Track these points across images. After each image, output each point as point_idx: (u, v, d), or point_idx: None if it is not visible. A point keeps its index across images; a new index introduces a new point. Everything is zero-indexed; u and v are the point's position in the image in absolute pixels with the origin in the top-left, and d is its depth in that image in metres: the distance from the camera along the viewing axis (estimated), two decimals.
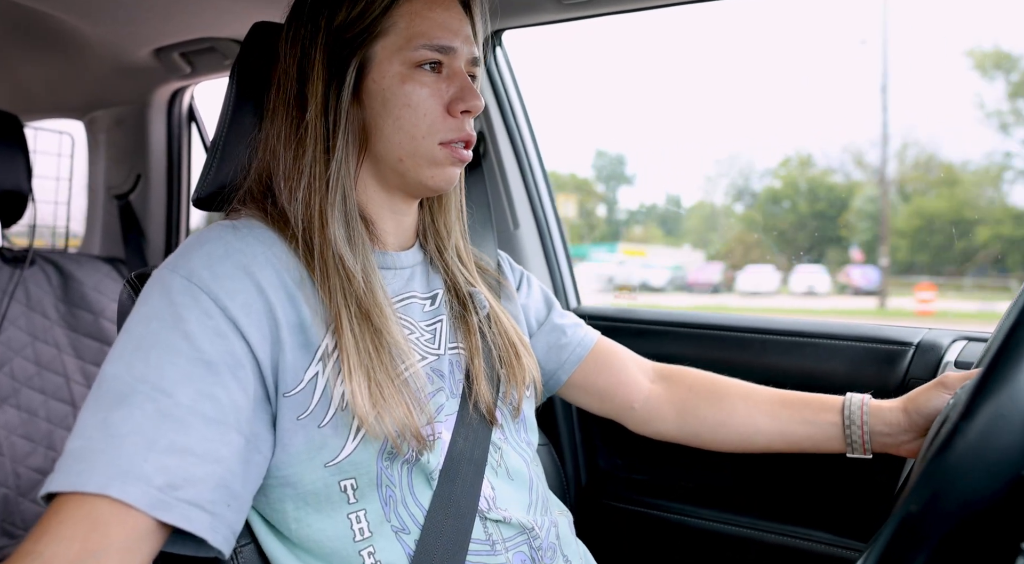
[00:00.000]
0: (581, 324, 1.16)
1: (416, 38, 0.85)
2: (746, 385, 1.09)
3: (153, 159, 2.14)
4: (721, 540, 1.36)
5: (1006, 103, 8.50)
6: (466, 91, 0.87)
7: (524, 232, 1.65)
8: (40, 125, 2.25)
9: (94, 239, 2.25)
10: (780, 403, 1.05)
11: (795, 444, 1.03)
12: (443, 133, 0.86)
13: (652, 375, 1.15)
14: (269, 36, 0.94)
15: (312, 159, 0.84)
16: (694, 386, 1.11)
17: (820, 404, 1.02)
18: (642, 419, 1.12)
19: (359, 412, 0.75)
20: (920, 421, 0.94)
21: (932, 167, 9.76)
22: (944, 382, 0.93)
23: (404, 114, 0.85)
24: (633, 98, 13.61)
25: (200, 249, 0.77)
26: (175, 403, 0.68)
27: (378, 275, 0.84)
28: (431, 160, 0.87)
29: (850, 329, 1.31)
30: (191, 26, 1.66)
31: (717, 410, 1.08)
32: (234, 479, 0.70)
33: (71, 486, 0.64)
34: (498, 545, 0.85)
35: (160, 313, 0.73)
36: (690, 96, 14.53)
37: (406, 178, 0.88)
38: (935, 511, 0.57)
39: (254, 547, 0.82)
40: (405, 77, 0.85)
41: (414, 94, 0.85)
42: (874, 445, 0.97)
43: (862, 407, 0.98)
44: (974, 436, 0.57)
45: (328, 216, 0.82)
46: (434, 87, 0.86)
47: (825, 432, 1.00)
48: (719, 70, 14.29)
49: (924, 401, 0.94)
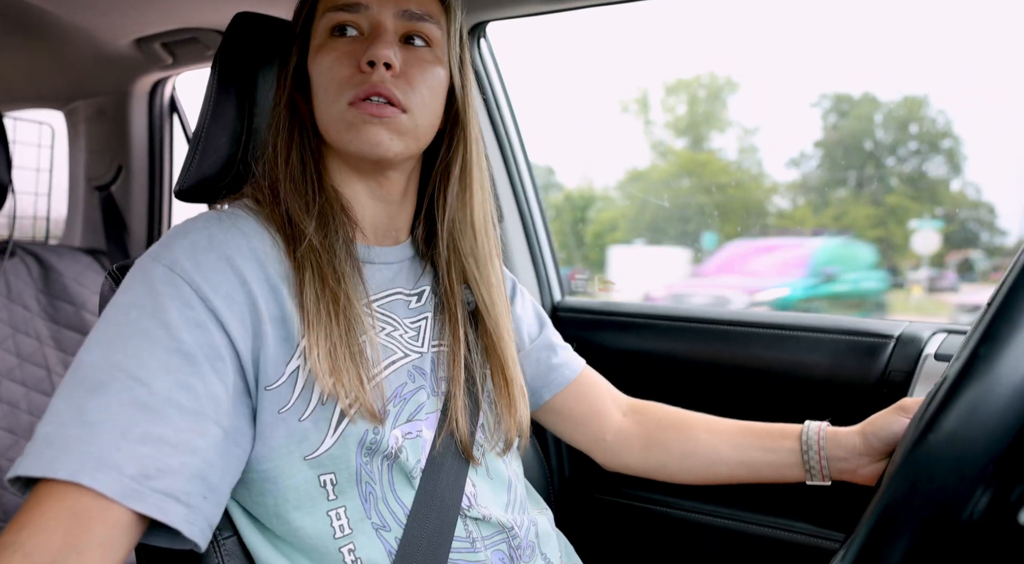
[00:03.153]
0: (569, 347, 1.15)
1: (322, 3, 0.85)
2: (710, 418, 1.09)
3: (134, 150, 2.12)
4: (704, 531, 1.37)
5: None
6: (372, 42, 0.81)
7: (508, 225, 1.65)
8: (20, 115, 2.23)
9: (75, 230, 2.23)
10: (741, 432, 1.05)
11: (756, 472, 1.03)
12: (348, 93, 0.81)
13: (625, 408, 1.14)
14: (251, 26, 0.94)
15: (284, 148, 0.85)
16: (661, 420, 1.11)
17: (780, 432, 1.02)
18: (612, 451, 1.11)
19: (318, 380, 0.75)
20: (878, 445, 0.93)
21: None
22: (903, 407, 0.93)
23: (318, 84, 0.84)
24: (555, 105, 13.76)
25: (184, 239, 0.77)
26: (151, 392, 0.67)
27: (355, 267, 0.84)
28: (345, 123, 0.82)
29: (831, 322, 1.32)
30: (173, 16, 1.65)
31: (682, 442, 1.07)
32: (211, 471, 0.70)
33: (41, 471, 0.63)
34: (478, 543, 0.85)
35: (140, 302, 0.72)
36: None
37: (338, 149, 0.86)
38: (914, 498, 0.58)
39: (236, 540, 0.82)
40: (320, 47, 0.85)
41: (324, 61, 0.84)
42: (832, 471, 0.97)
43: (819, 433, 0.98)
44: (953, 423, 0.58)
45: (302, 205, 0.83)
46: (345, 50, 0.83)
47: (784, 459, 1.00)
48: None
49: (883, 425, 0.93)
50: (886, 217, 9.52)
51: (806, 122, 11.71)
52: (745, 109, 12.56)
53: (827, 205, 10.52)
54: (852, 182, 10.64)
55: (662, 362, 1.46)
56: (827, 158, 11.01)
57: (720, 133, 13.11)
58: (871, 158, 10.47)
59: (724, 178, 11.75)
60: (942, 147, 9.98)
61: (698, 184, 11.28)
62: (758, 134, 12.39)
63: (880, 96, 10.41)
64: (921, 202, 9.86)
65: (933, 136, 10.02)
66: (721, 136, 13.08)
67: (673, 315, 1.48)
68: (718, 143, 12.92)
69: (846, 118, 10.97)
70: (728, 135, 13.05)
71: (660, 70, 13.71)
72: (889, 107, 10.55)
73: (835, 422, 1.00)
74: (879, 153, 10.56)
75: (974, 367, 0.59)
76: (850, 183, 10.59)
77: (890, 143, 10.53)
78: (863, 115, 10.71)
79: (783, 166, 11.99)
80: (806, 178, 11.18)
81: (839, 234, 9.53)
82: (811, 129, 11.61)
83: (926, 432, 0.59)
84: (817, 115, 11.22)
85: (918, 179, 10.04)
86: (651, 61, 14.34)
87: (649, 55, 14.39)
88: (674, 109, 12.99)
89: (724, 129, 12.88)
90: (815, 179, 11.00)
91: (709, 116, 12.76)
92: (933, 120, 10.00)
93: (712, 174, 11.68)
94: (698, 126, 12.68)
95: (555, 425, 1.14)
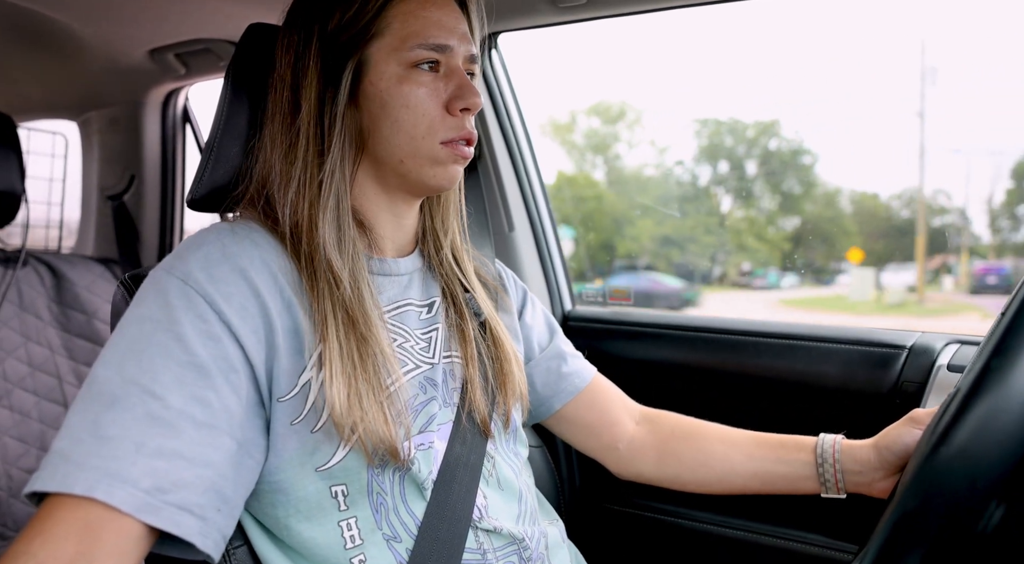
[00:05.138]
0: (580, 356, 1.15)
1: (411, 38, 0.84)
2: (724, 428, 1.09)
3: (147, 160, 2.14)
4: (715, 542, 1.36)
5: None
6: (464, 89, 0.86)
7: (519, 234, 1.65)
8: (34, 125, 2.24)
9: (87, 240, 2.25)
10: (756, 443, 1.05)
11: (770, 484, 1.03)
12: (443, 132, 0.86)
13: (638, 417, 1.14)
14: (264, 38, 0.94)
15: (304, 163, 0.83)
16: (675, 429, 1.11)
17: (795, 444, 1.02)
18: (625, 460, 1.11)
19: (334, 418, 0.74)
20: (892, 459, 0.93)
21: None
22: (914, 418, 0.93)
23: (402, 115, 0.85)
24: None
25: (197, 251, 0.77)
26: (165, 406, 0.68)
27: (367, 282, 0.83)
28: (433, 159, 0.86)
29: (844, 332, 1.31)
30: (186, 27, 1.66)
31: (696, 451, 1.07)
32: (225, 483, 0.70)
33: (57, 487, 0.63)
34: (489, 554, 0.85)
35: (154, 315, 0.72)
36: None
37: (408, 179, 0.88)
38: (927, 511, 0.57)
39: (247, 549, 0.82)
40: (402, 78, 0.85)
41: (412, 95, 0.85)
42: (847, 484, 0.97)
43: (834, 446, 0.98)
44: (965, 436, 0.57)
45: (318, 219, 0.81)
46: (432, 87, 0.86)
47: (799, 472, 1.00)
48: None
49: (895, 438, 0.93)
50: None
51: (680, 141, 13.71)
52: (634, 132, 14.18)
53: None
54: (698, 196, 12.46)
55: (673, 371, 1.46)
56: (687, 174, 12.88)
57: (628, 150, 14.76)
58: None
59: (588, 192, 13.06)
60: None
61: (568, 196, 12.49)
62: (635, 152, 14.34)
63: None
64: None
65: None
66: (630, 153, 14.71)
67: (684, 325, 1.48)
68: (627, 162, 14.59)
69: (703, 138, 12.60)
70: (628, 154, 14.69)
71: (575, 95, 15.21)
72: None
73: (848, 433, 1.00)
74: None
75: (987, 380, 0.58)
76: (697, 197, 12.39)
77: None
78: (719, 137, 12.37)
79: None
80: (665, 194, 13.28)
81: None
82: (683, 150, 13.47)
83: (938, 445, 0.59)
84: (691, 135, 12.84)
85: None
86: (569, 86, 15.73)
87: (564, 81, 15.69)
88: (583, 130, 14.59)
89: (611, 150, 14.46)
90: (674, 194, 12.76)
91: (608, 137, 14.18)
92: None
93: (578, 189, 13.07)
94: (606, 147, 14.21)
95: (567, 434, 1.14)
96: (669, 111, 15.08)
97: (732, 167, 11.67)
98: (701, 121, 11.66)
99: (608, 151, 13.94)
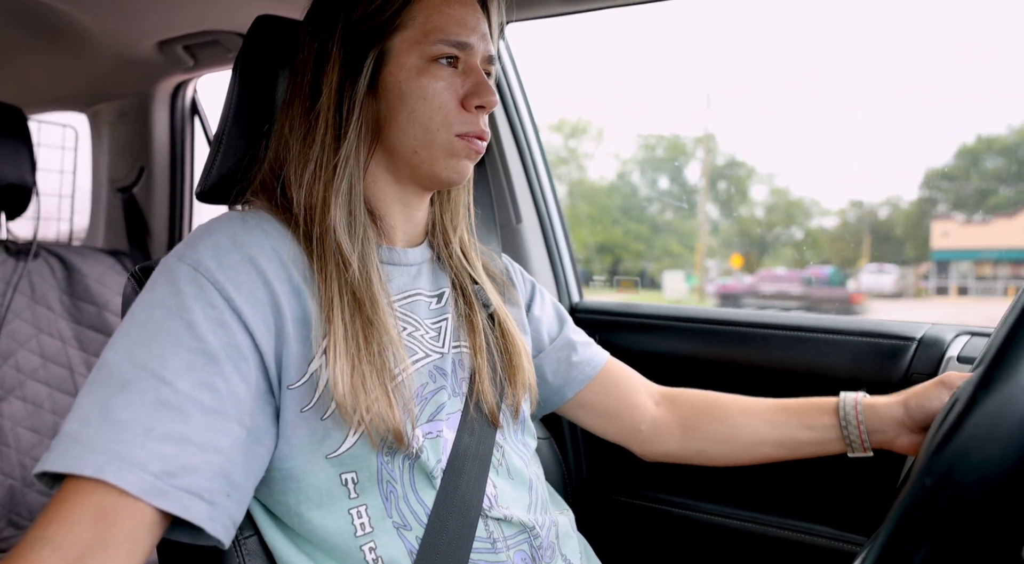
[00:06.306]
0: (591, 343, 1.16)
1: (433, 33, 0.86)
2: (744, 398, 1.10)
3: (156, 152, 2.14)
4: (723, 533, 1.36)
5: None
6: (481, 87, 0.87)
7: (527, 226, 1.65)
8: (44, 118, 2.25)
9: (98, 232, 2.26)
10: (778, 410, 1.06)
11: (797, 450, 1.04)
12: (458, 126, 0.87)
13: (657, 397, 1.15)
14: (272, 29, 0.94)
15: (321, 147, 0.84)
16: (695, 404, 1.11)
17: (817, 408, 1.03)
18: (649, 440, 1.12)
19: (338, 400, 0.75)
20: (919, 417, 0.94)
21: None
22: (945, 381, 0.93)
23: (419, 107, 0.86)
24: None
25: (208, 239, 0.78)
26: (174, 392, 0.68)
27: (376, 267, 0.84)
28: (448, 151, 0.88)
29: (852, 324, 1.30)
30: (194, 19, 1.66)
31: (719, 424, 1.08)
32: (234, 469, 0.71)
33: (66, 468, 0.64)
34: (499, 543, 0.85)
35: (164, 301, 0.73)
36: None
37: (420, 170, 0.88)
38: (937, 502, 0.57)
39: (257, 539, 0.82)
40: (422, 70, 0.86)
41: (430, 87, 0.86)
42: (872, 442, 0.98)
43: (856, 406, 0.99)
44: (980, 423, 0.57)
45: (331, 202, 0.82)
46: (449, 81, 0.87)
47: (824, 435, 1.01)
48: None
49: (925, 399, 0.94)
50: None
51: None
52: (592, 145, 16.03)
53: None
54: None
55: (681, 363, 1.46)
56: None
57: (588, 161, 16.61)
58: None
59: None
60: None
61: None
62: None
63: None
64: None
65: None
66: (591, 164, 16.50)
67: (692, 316, 1.48)
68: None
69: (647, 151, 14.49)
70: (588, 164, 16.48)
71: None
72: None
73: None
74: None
75: (999, 369, 0.58)
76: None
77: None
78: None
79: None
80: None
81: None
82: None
83: (946, 439, 0.58)
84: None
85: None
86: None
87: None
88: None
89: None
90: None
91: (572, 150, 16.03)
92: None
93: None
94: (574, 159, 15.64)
95: (587, 420, 1.14)
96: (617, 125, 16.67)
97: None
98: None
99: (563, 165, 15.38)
